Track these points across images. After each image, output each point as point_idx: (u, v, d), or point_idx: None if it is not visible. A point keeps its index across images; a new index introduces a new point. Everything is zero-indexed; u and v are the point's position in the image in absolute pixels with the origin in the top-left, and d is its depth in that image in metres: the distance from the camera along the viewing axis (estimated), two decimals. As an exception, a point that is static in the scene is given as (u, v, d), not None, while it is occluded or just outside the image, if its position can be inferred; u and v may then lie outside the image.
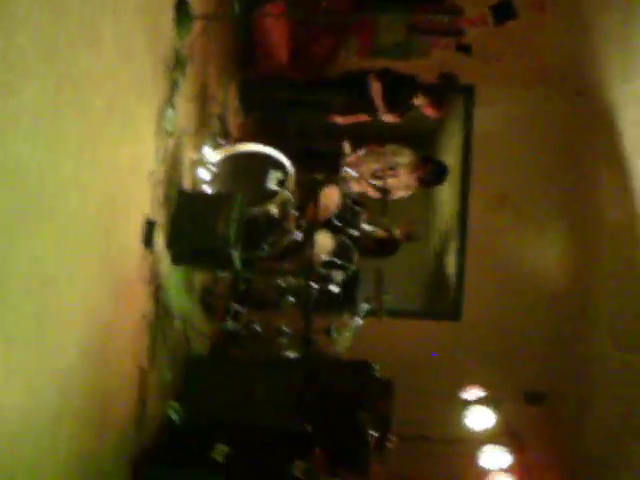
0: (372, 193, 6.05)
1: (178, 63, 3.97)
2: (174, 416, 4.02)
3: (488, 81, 6.65)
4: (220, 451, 3.85)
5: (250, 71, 5.92)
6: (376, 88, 5.79)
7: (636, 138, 5.20)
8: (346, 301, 5.41)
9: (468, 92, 6.73)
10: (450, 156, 7.42)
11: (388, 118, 5.97)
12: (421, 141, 6.62)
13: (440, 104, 6.14)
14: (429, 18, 6.35)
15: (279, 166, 4.50)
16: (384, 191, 5.90)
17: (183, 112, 4.18)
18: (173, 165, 4.07)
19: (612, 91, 5.53)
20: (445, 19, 6.32)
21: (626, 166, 5.26)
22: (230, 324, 5.03)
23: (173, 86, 3.94)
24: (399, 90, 5.97)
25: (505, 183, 6.64)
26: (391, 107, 5.93)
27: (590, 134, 6.06)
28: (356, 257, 5.41)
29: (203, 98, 4.70)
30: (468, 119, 6.77)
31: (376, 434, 4.43)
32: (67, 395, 2.79)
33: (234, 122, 5.67)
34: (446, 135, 7.74)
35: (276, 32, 5.60)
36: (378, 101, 5.81)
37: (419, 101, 5.98)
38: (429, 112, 6.11)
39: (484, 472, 5.29)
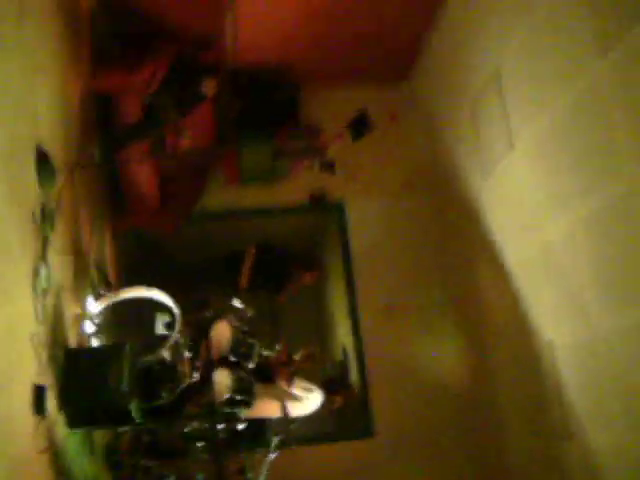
0: None
1: (46, 217, 3.82)
2: None
3: (357, 195, 6.84)
4: None
5: (122, 217, 5.82)
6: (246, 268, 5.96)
7: (503, 234, 5.42)
8: (256, 437, 5.21)
9: (339, 209, 6.89)
10: (333, 273, 7.47)
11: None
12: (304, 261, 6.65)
13: (313, 268, 6.38)
14: (290, 141, 6.51)
15: (165, 309, 4.35)
16: None
17: (58, 266, 3.99)
18: (55, 323, 3.84)
19: (474, 188, 5.76)
20: (304, 141, 6.50)
21: (503, 266, 5.44)
22: (141, 480, 4.70)
23: (44, 241, 3.77)
24: (271, 269, 6.19)
25: (390, 293, 6.70)
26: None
27: (462, 233, 6.27)
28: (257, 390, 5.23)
29: (77, 249, 4.53)
30: (343, 235, 6.88)
31: None
32: None
33: (113, 270, 5.50)
34: (326, 252, 7.82)
35: (142, 175, 5.55)
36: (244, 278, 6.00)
37: (296, 274, 6.20)
38: (307, 280, 6.33)
39: None
